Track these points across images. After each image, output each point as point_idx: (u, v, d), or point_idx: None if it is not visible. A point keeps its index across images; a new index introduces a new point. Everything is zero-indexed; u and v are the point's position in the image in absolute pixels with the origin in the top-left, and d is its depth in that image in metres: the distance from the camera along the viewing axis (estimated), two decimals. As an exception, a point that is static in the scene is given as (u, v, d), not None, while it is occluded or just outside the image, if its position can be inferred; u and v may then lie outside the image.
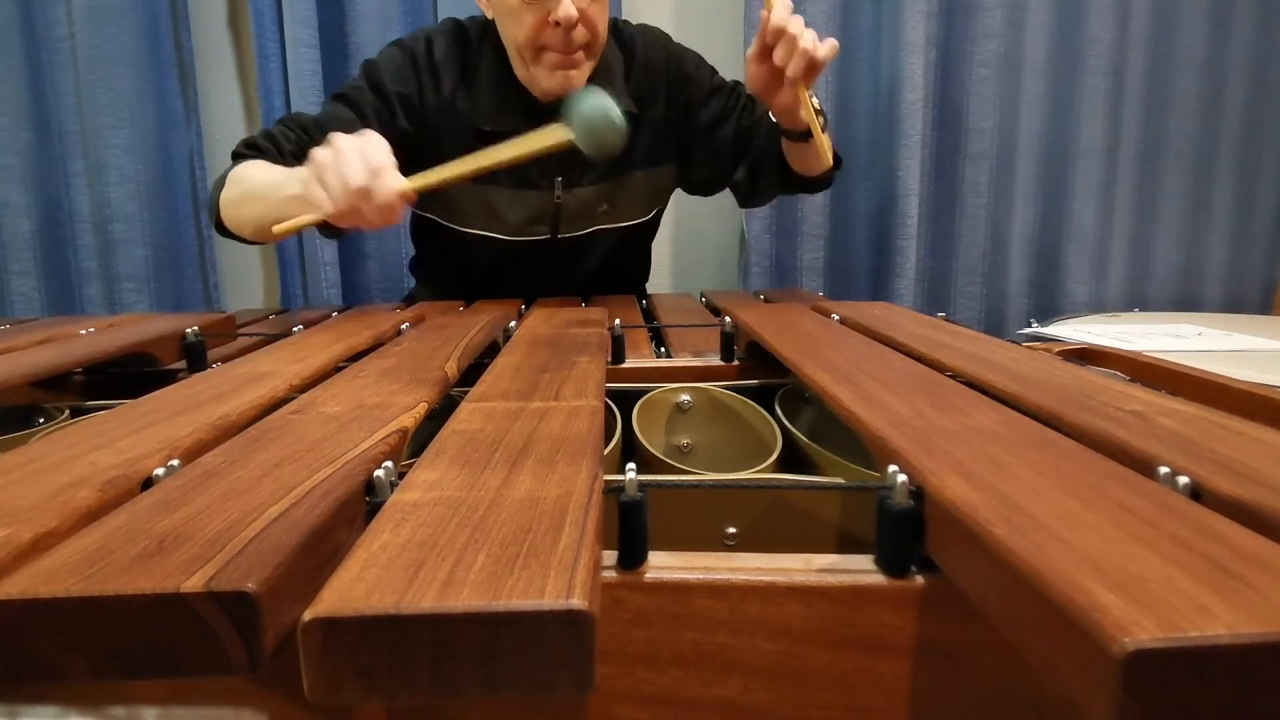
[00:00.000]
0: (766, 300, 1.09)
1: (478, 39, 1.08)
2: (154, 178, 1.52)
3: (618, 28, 1.13)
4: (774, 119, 1.04)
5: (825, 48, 0.89)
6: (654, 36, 1.15)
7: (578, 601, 0.22)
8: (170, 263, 1.55)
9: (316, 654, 0.22)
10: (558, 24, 0.95)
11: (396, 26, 1.50)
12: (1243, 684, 0.20)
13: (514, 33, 1.00)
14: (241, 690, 0.32)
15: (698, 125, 1.15)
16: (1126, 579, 0.22)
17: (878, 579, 0.32)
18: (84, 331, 0.79)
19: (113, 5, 1.45)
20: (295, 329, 0.79)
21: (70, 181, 1.52)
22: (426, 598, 0.22)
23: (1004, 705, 0.32)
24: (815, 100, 0.96)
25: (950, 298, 1.64)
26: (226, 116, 1.64)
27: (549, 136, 0.85)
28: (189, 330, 0.72)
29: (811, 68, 0.89)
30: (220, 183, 0.98)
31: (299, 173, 0.84)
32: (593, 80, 1.05)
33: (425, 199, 1.02)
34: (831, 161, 1.04)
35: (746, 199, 1.23)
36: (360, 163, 0.74)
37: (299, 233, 0.85)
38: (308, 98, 1.46)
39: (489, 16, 1.05)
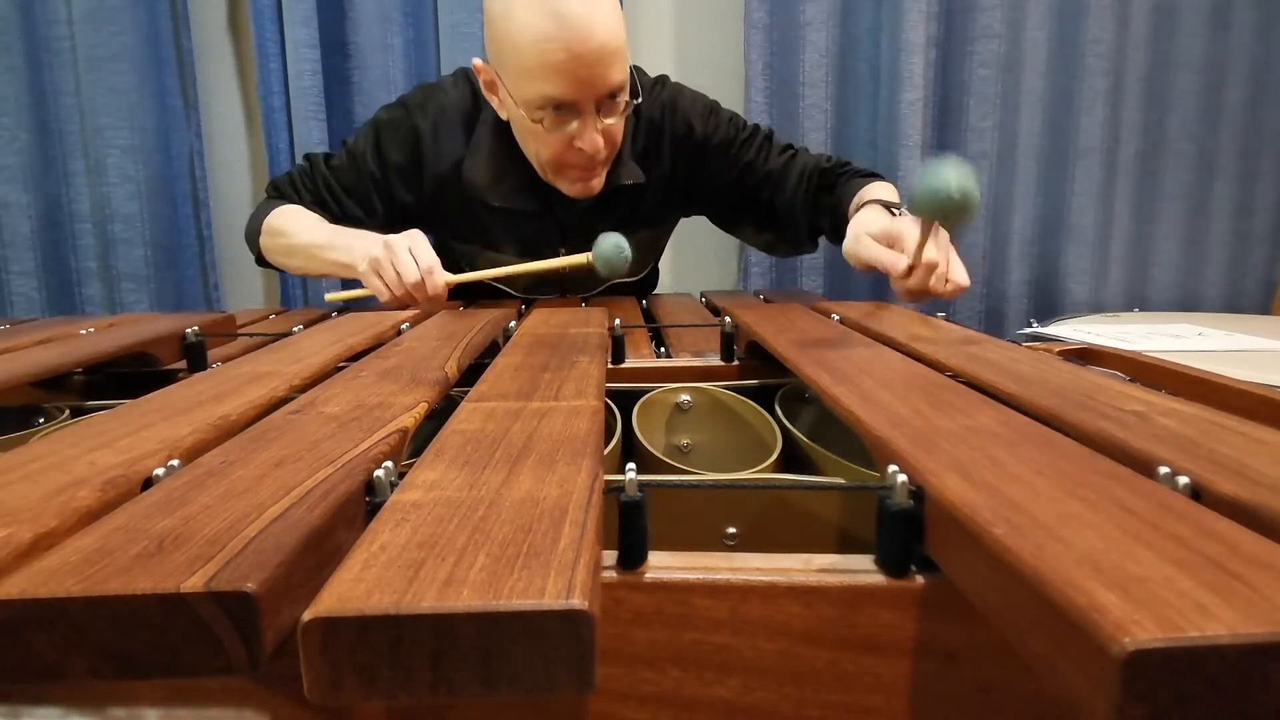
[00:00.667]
0: (766, 300, 1.09)
1: (485, 103, 1.05)
2: (154, 178, 1.52)
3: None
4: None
5: (952, 286, 0.79)
6: (660, 93, 1.11)
7: (578, 601, 0.22)
8: (170, 263, 1.56)
9: (316, 654, 0.22)
10: (581, 150, 0.95)
11: (396, 27, 1.50)
12: (1243, 684, 0.19)
13: (535, 150, 1.00)
14: (242, 690, 0.32)
15: (703, 180, 1.13)
16: (1126, 579, 0.22)
17: (878, 579, 0.32)
18: (84, 331, 0.79)
19: (113, 5, 1.45)
20: (295, 329, 0.79)
21: (70, 181, 1.52)
22: (426, 598, 0.22)
23: (1004, 705, 0.32)
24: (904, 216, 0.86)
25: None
26: (226, 116, 1.64)
27: (575, 261, 0.94)
28: (189, 330, 0.72)
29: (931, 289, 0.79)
30: (256, 228, 1.08)
31: (343, 239, 0.98)
32: None
33: (437, 250, 1.07)
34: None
35: (771, 250, 1.26)
36: (413, 263, 0.88)
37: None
38: (307, 98, 1.46)
39: (501, 116, 1.02)
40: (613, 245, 0.92)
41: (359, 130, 1.11)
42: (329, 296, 1.03)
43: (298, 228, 1.03)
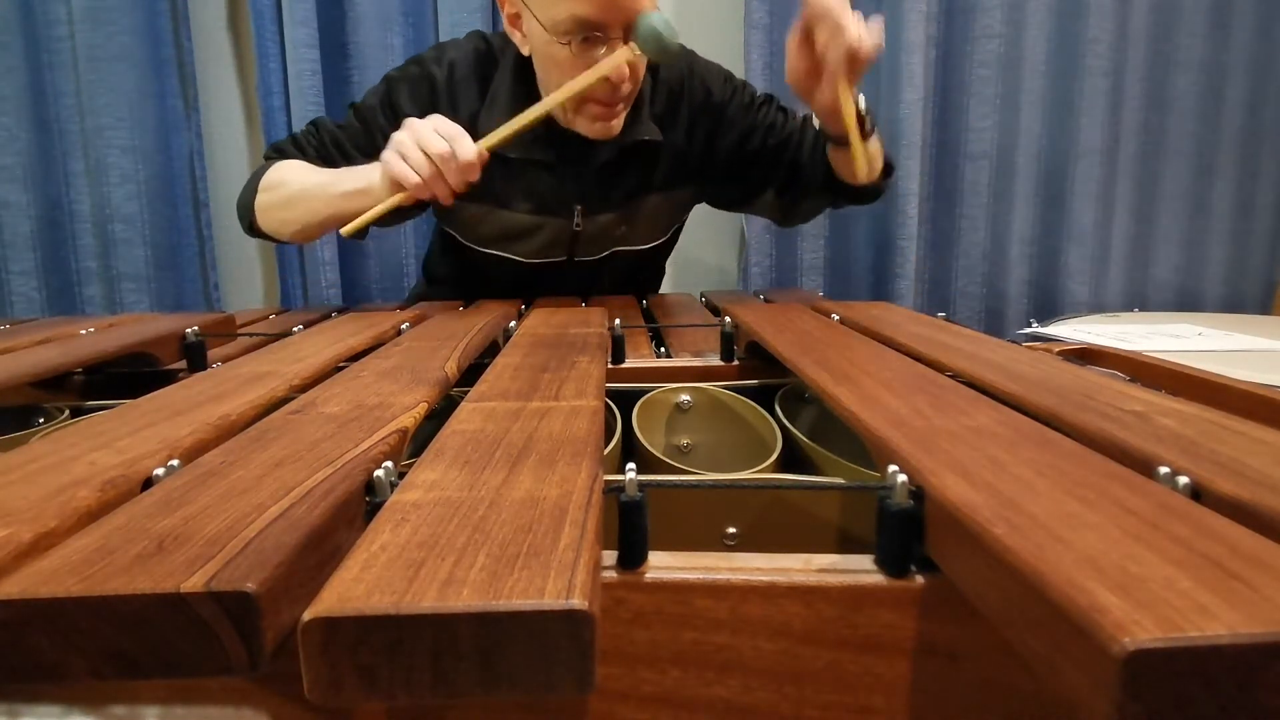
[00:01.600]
0: (766, 300, 1.09)
1: (500, 57, 1.05)
2: (154, 178, 1.52)
3: None
4: (816, 123, 1.00)
5: (871, 40, 0.83)
6: (680, 59, 1.10)
7: (578, 601, 0.22)
8: (170, 263, 1.56)
9: (316, 654, 0.22)
10: (607, 79, 0.93)
11: (396, 26, 1.50)
12: (1243, 684, 0.20)
13: (558, 81, 0.97)
14: (242, 690, 0.32)
15: (721, 146, 1.12)
16: (1126, 579, 0.22)
17: (878, 579, 0.32)
18: (84, 331, 0.79)
19: (113, 5, 1.45)
20: (295, 329, 0.79)
21: (70, 181, 1.52)
22: (426, 597, 0.22)
23: (1004, 705, 0.32)
24: (862, 100, 0.90)
25: (950, 298, 1.65)
26: (226, 116, 1.64)
27: (616, 58, 0.88)
28: (189, 330, 0.72)
29: (855, 60, 0.83)
30: (252, 187, 1.01)
31: (352, 170, 0.92)
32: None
33: (445, 216, 1.07)
34: (880, 169, 1.00)
35: (786, 218, 1.20)
36: (437, 133, 0.84)
37: (367, 227, 0.91)
38: (307, 98, 1.46)
39: (523, 52, 1.01)
40: (655, 25, 0.85)
41: (368, 90, 1.08)
42: (347, 229, 0.92)
43: (297, 175, 0.98)
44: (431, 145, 0.83)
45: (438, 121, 0.86)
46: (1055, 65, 1.55)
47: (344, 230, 0.91)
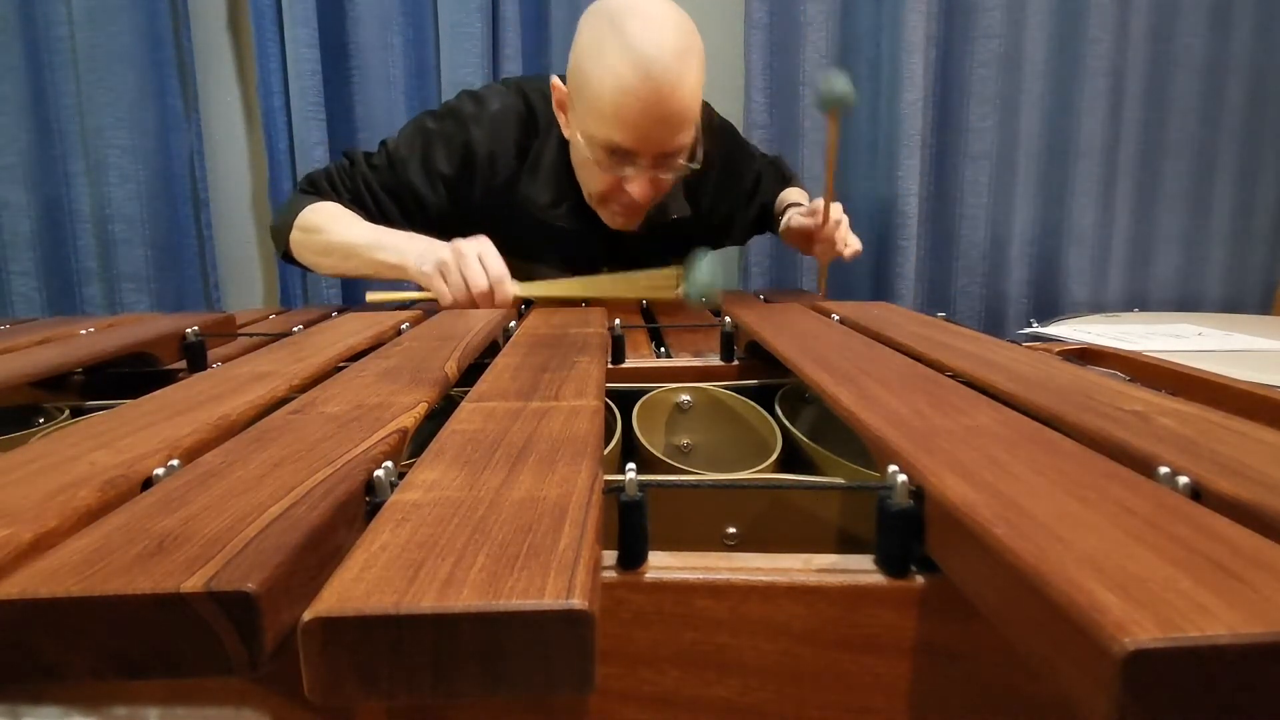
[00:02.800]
0: (766, 300, 1.09)
1: (544, 120, 1.06)
2: (154, 178, 1.52)
3: None
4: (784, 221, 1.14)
5: (850, 250, 1.03)
6: (711, 124, 1.10)
7: (578, 601, 0.22)
8: (170, 263, 1.56)
9: (316, 654, 0.22)
10: (627, 193, 0.98)
11: (396, 26, 1.50)
12: (1243, 684, 0.20)
13: (585, 180, 1.02)
14: (242, 690, 0.32)
15: (738, 216, 1.23)
16: (1126, 579, 0.22)
17: (878, 579, 0.32)
18: (84, 331, 0.79)
19: (113, 5, 1.45)
20: (295, 329, 0.79)
21: (70, 181, 1.52)
22: (426, 598, 0.22)
23: (1004, 705, 0.32)
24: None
25: (950, 298, 1.64)
26: (226, 116, 1.64)
27: (662, 287, 0.92)
28: (189, 330, 0.72)
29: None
30: (288, 221, 1.05)
31: (391, 238, 0.97)
32: None
33: None
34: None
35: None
36: (483, 271, 0.87)
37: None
38: (307, 98, 1.46)
39: (565, 134, 1.02)
40: (708, 279, 0.82)
41: (404, 132, 1.09)
42: (371, 296, 0.99)
43: (337, 225, 1.00)
44: (475, 281, 0.86)
45: (486, 254, 0.88)
46: (1055, 65, 1.55)
47: (370, 298, 0.98)
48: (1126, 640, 0.19)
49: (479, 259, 0.87)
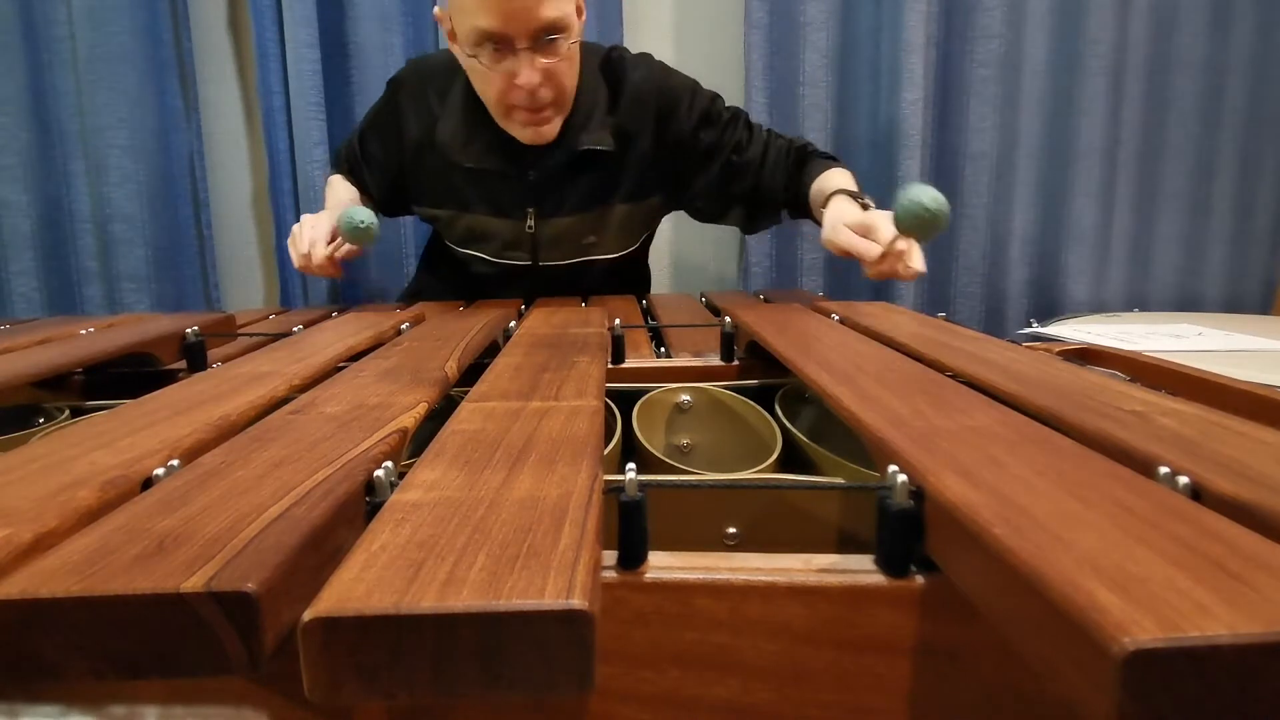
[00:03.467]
0: (766, 300, 1.09)
1: (450, 69, 1.09)
2: (154, 178, 1.52)
3: (609, 58, 1.12)
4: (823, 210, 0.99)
5: (912, 272, 0.84)
6: (645, 68, 1.12)
7: (578, 601, 0.22)
8: (170, 263, 1.56)
9: (316, 654, 0.22)
10: (519, 87, 0.98)
11: (396, 26, 1.50)
12: (1243, 684, 0.20)
13: (482, 90, 1.03)
14: (241, 690, 0.32)
15: (688, 159, 1.13)
16: (1126, 579, 0.22)
17: (878, 579, 0.32)
18: (84, 331, 0.79)
19: (113, 5, 1.45)
20: (295, 329, 0.79)
21: (70, 181, 1.52)
22: (426, 598, 0.22)
23: (1004, 705, 0.32)
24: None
25: (950, 298, 1.64)
26: (226, 116, 1.64)
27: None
28: (189, 330, 0.72)
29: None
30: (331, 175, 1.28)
31: (331, 199, 1.21)
32: (572, 118, 1.06)
33: (425, 217, 1.21)
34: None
35: (747, 229, 1.25)
36: (304, 234, 1.04)
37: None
38: (307, 98, 1.46)
39: (463, 65, 1.05)
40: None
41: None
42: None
43: (326, 195, 1.24)
44: (298, 245, 1.04)
45: (314, 224, 1.05)
46: (1055, 65, 1.55)
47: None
48: (1126, 640, 0.19)
49: (304, 228, 1.04)
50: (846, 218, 0.91)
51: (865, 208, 0.94)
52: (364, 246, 1.03)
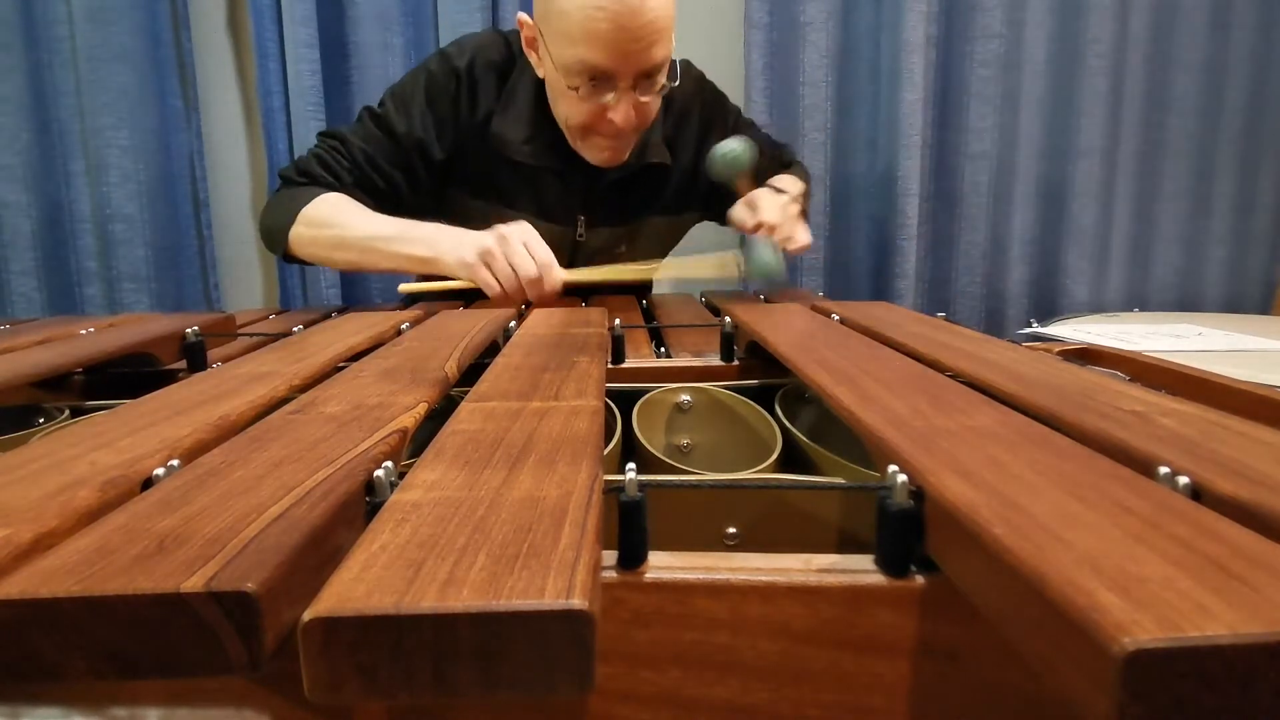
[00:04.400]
0: (766, 300, 1.09)
1: (521, 59, 1.04)
2: (154, 178, 1.52)
3: None
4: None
5: (794, 245, 0.94)
6: (688, 79, 1.09)
7: (578, 601, 0.22)
8: (170, 263, 1.56)
9: (316, 654, 0.22)
10: (613, 121, 0.94)
11: (396, 26, 1.50)
12: (1243, 684, 0.19)
13: (565, 114, 0.98)
14: (242, 691, 0.32)
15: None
16: (1126, 579, 0.22)
17: (878, 579, 0.32)
18: (84, 331, 0.79)
19: (113, 5, 1.45)
20: (295, 329, 0.79)
21: (70, 181, 1.52)
22: (426, 598, 0.22)
23: (1004, 705, 0.32)
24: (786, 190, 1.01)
25: (950, 298, 1.65)
26: (226, 116, 1.64)
27: (721, 268, 0.94)
28: (189, 330, 0.72)
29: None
30: (287, 215, 0.98)
31: (418, 230, 0.93)
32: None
33: (451, 213, 1.06)
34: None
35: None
36: (530, 258, 0.85)
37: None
38: (307, 98, 1.46)
39: (539, 74, 1.01)
40: (769, 265, 0.90)
41: (389, 93, 1.06)
42: (404, 288, 0.96)
43: (348, 218, 0.96)
44: (523, 269, 0.85)
45: (531, 240, 0.87)
46: (1055, 65, 1.55)
47: (404, 289, 0.95)
48: (1126, 640, 0.19)
49: (525, 245, 0.85)
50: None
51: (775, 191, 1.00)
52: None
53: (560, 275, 0.86)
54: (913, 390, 0.45)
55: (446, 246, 0.90)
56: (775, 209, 0.95)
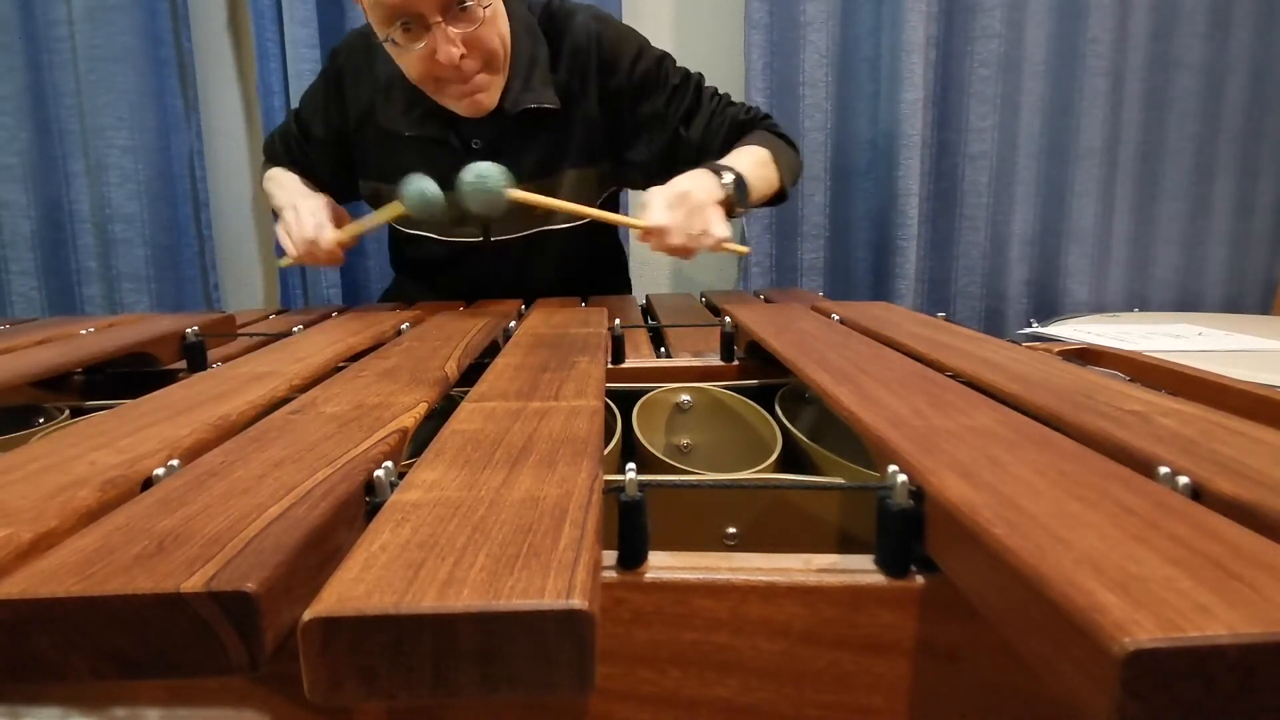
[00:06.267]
0: (766, 300, 1.09)
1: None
2: (154, 178, 1.52)
3: (549, 11, 1.06)
4: None
5: (708, 240, 0.84)
6: (588, 21, 1.05)
7: (578, 601, 0.22)
8: (170, 263, 1.56)
9: (316, 654, 0.22)
10: (439, 62, 0.93)
11: (396, 26, 1.50)
12: (1243, 684, 0.20)
13: (407, 72, 0.98)
14: (242, 690, 0.32)
15: (634, 119, 1.06)
16: (1126, 579, 0.22)
17: (878, 579, 0.32)
18: (84, 331, 0.79)
19: (113, 5, 1.45)
20: (295, 329, 0.79)
21: (70, 181, 1.52)
22: (426, 598, 0.22)
23: (1004, 705, 0.32)
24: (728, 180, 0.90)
25: (950, 298, 1.65)
26: (226, 116, 1.64)
27: (388, 212, 0.97)
28: (189, 330, 0.72)
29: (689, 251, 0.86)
30: (264, 175, 1.19)
31: (279, 200, 1.07)
32: (511, 79, 1.01)
33: (371, 188, 1.14)
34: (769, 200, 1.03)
35: None
36: (306, 221, 0.97)
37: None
38: (308, 98, 1.46)
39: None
40: (414, 192, 0.90)
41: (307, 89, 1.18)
42: (280, 262, 1.07)
43: (273, 188, 1.13)
44: (303, 230, 0.97)
45: (315, 209, 0.99)
46: (1055, 65, 1.55)
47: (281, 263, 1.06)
48: (1126, 640, 0.19)
49: (304, 214, 0.98)
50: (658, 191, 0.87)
51: (723, 184, 0.90)
52: (429, 217, 0.93)
53: (332, 235, 0.96)
54: (913, 390, 0.45)
55: (287, 201, 1.03)
56: (658, 215, 0.83)
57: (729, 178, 0.91)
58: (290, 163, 1.16)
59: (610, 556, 0.33)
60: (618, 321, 0.72)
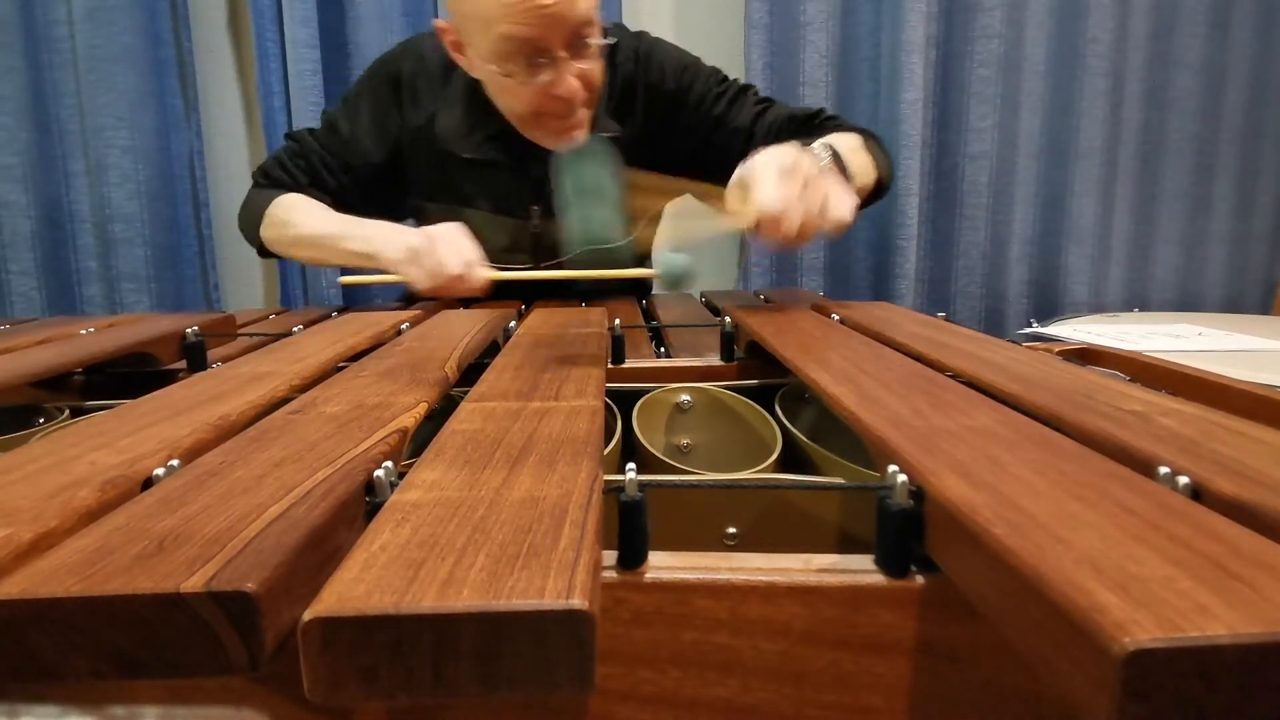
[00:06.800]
0: (766, 300, 1.09)
1: (449, 57, 1.04)
2: (154, 178, 1.52)
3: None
4: None
5: (831, 220, 0.70)
6: (631, 47, 1.07)
7: (578, 601, 0.22)
8: (170, 263, 1.56)
9: (316, 654, 0.22)
10: (559, 98, 0.92)
11: (396, 26, 1.50)
12: (1243, 684, 0.20)
13: (509, 104, 0.97)
14: (241, 690, 0.32)
15: (680, 137, 1.07)
16: (1126, 579, 0.22)
17: (878, 579, 0.32)
18: (84, 331, 0.79)
19: (113, 5, 1.45)
20: (295, 329, 0.79)
21: (70, 181, 1.52)
22: (426, 598, 0.22)
23: (1004, 705, 0.32)
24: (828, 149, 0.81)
25: (950, 298, 1.65)
26: (226, 116, 1.64)
27: (636, 272, 0.77)
28: (189, 330, 0.72)
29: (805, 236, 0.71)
30: (254, 217, 1.06)
31: (360, 227, 0.96)
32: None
33: (414, 213, 1.10)
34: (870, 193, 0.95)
35: None
36: (455, 255, 0.85)
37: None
38: (307, 98, 1.46)
39: (472, 74, 0.99)
40: (680, 271, 0.71)
41: (340, 99, 1.10)
42: (344, 280, 0.97)
43: (303, 219, 1.01)
44: (447, 267, 0.84)
45: (456, 239, 0.86)
46: (1055, 65, 1.55)
47: (342, 281, 0.94)
48: (1126, 640, 0.19)
49: (449, 244, 0.86)
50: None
51: (819, 159, 0.78)
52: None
53: (481, 273, 0.86)
54: (913, 390, 0.45)
55: (380, 243, 0.92)
56: (771, 193, 0.68)
57: (824, 154, 0.79)
58: (309, 184, 1.06)
59: (610, 556, 0.33)
60: (618, 321, 0.72)
